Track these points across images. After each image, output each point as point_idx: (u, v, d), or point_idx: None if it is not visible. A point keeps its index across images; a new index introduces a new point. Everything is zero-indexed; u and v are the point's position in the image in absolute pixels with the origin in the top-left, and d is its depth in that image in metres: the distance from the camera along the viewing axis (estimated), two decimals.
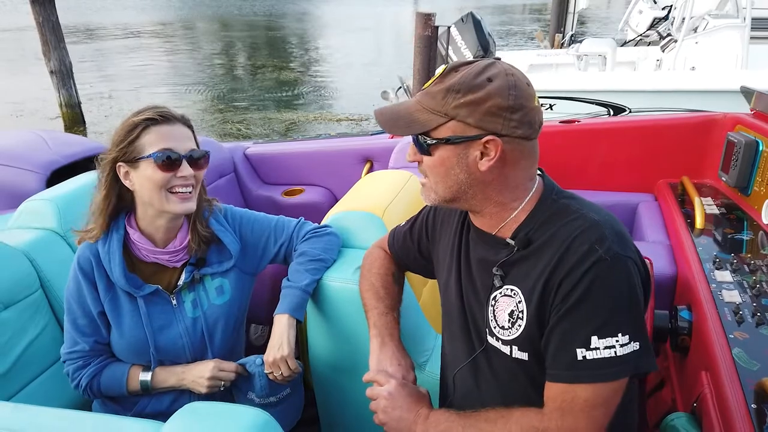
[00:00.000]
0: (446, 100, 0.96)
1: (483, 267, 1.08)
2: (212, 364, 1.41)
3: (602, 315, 0.91)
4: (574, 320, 0.93)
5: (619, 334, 0.90)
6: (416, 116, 0.99)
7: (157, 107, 1.32)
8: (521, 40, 17.79)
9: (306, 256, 1.51)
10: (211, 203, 1.47)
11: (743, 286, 1.52)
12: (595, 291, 0.91)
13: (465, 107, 0.94)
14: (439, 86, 0.97)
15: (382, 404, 1.12)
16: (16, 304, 1.56)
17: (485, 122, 0.94)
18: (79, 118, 8.63)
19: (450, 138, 0.97)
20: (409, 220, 1.38)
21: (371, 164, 2.76)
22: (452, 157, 0.98)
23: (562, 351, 0.94)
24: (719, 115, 2.36)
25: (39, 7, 7.75)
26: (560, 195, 1.05)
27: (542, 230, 1.00)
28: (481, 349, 1.10)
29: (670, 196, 2.22)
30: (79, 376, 1.41)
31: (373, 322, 1.29)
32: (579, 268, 0.92)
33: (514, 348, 1.02)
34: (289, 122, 9.04)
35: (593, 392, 0.92)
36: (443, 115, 0.96)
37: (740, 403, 1.12)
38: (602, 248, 0.92)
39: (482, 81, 0.94)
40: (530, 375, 1.03)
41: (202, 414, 1.04)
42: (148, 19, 24.30)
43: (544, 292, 0.96)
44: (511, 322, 1.02)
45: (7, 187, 2.32)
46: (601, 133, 2.53)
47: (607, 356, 0.90)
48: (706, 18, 7.29)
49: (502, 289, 1.04)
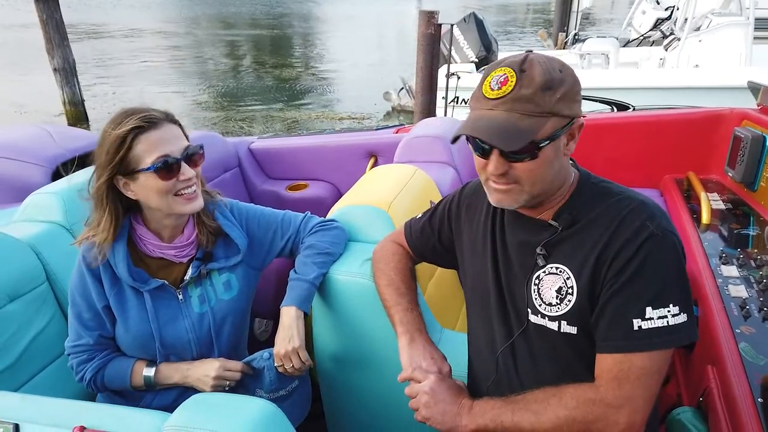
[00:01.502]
0: (543, 99, 0.96)
1: (523, 249, 1.11)
2: (218, 363, 1.40)
3: (656, 287, 0.96)
4: (629, 292, 0.97)
5: (671, 305, 0.95)
6: (521, 125, 0.96)
7: (138, 111, 1.25)
8: (524, 39, 17.76)
9: (314, 249, 1.51)
10: (212, 195, 1.46)
11: (749, 281, 1.52)
12: (649, 264, 0.96)
13: (562, 101, 0.97)
14: (526, 89, 0.95)
15: (424, 400, 1.12)
16: (23, 296, 1.57)
17: (575, 108, 1.00)
18: (82, 116, 8.64)
19: (553, 134, 0.98)
20: (426, 211, 1.39)
21: (376, 159, 2.76)
22: (553, 152, 1.00)
23: (617, 322, 0.98)
24: (726, 111, 2.36)
25: (43, 4, 7.75)
26: (597, 179, 1.10)
27: (588, 209, 1.05)
28: (522, 329, 1.11)
29: (676, 192, 2.22)
30: (84, 370, 1.40)
31: (399, 318, 1.29)
32: (633, 243, 0.97)
33: (563, 323, 1.05)
34: (291, 120, 9.05)
35: (649, 360, 0.96)
36: (545, 115, 0.97)
37: (747, 397, 1.12)
38: (653, 224, 0.98)
39: (559, 73, 0.97)
40: (577, 349, 1.06)
41: (209, 405, 1.05)
42: (151, 17, 24.32)
43: (596, 266, 1.00)
44: (560, 298, 1.05)
45: (13, 180, 2.33)
46: (607, 128, 2.53)
47: (661, 326, 0.95)
48: (709, 16, 7.27)
49: (546, 267, 1.07)
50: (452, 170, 2.19)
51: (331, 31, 21.85)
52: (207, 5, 29.43)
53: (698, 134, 2.39)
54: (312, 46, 18.26)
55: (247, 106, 9.89)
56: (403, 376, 1.20)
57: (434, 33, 4.76)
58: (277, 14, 26.57)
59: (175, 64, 14.03)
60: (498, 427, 1.05)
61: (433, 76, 4.97)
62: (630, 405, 0.97)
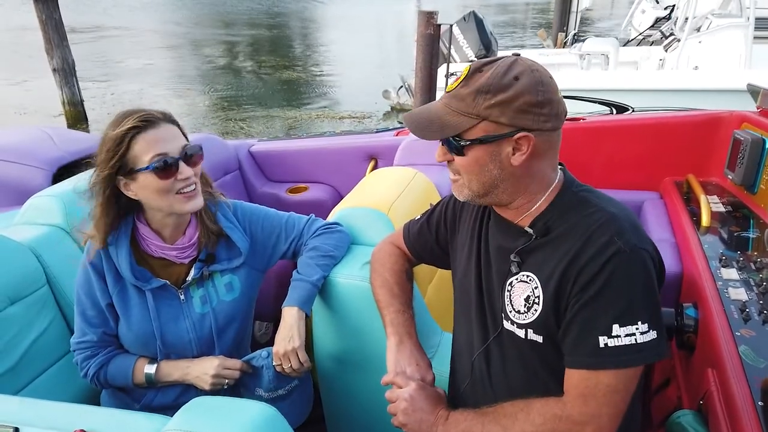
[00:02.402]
0: (476, 101, 0.97)
1: (500, 254, 1.12)
2: (217, 361, 1.41)
3: (622, 304, 0.95)
4: (595, 309, 0.96)
5: (639, 322, 0.94)
6: (447, 120, 1.00)
7: (136, 112, 1.27)
8: (524, 39, 17.76)
9: (317, 251, 1.51)
10: (214, 196, 1.46)
11: (749, 284, 1.52)
12: (615, 281, 0.95)
13: (496, 107, 0.96)
14: (466, 88, 0.98)
15: (402, 406, 1.13)
16: (23, 299, 1.57)
17: (517, 119, 0.97)
18: (81, 116, 8.64)
19: (483, 138, 0.99)
20: (425, 213, 1.40)
21: (376, 162, 2.76)
22: (486, 155, 1.01)
23: (584, 339, 0.97)
24: (725, 113, 2.35)
25: (42, 5, 7.75)
26: (579, 188, 1.08)
27: (561, 220, 1.04)
28: (496, 333, 1.12)
29: (675, 194, 2.22)
30: (87, 366, 1.42)
31: (390, 320, 1.29)
32: (599, 259, 0.96)
33: (529, 331, 1.05)
34: (292, 120, 9.05)
35: (615, 378, 0.96)
36: (475, 117, 0.98)
37: (747, 400, 1.12)
38: (621, 240, 0.96)
39: (510, 80, 0.96)
40: (543, 356, 1.06)
41: (208, 408, 1.05)
42: (151, 17, 24.31)
43: (562, 280, 1.00)
44: (527, 306, 1.05)
45: (14, 183, 2.32)
46: (606, 131, 2.53)
47: (628, 343, 0.94)
48: (709, 17, 7.27)
49: (519, 275, 1.07)
50: None
51: (330, 31, 21.85)
52: (207, 5, 29.43)
53: (698, 137, 2.39)
54: (312, 45, 18.26)
55: (247, 107, 9.88)
56: (385, 380, 1.21)
57: (433, 33, 4.76)
58: (276, 14, 26.56)
59: (175, 65, 14.03)
60: None
61: (432, 75, 4.97)
62: (595, 422, 0.97)
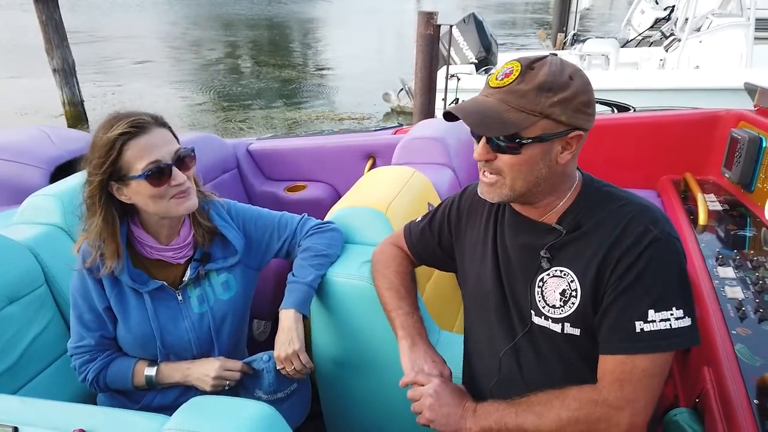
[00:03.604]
0: (539, 98, 0.97)
1: (525, 252, 1.12)
2: (218, 363, 1.41)
3: (658, 290, 0.97)
4: (632, 296, 0.98)
5: (674, 308, 0.97)
6: (507, 116, 0.98)
7: (127, 116, 1.25)
8: (524, 39, 17.76)
9: (310, 252, 1.51)
10: (207, 195, 1.46)
11: (746, 283, 1.52)
12: (652, 268, 0.98)
13: (558, 105, 0.97)
14: (525, 85, 0.98)
15: (428, 402, 1.13)
16: (21, 298, 1.57)
17: (573, 118, 0.99)
18: (81, 116, 8.64)
19: (543, 136, 0.99)
20: (426, 215, 1.40)
21: (374, 160, 2.76)
22: (540, 153, 1.01)
23: (620, 324, 0.99)
24: (722, 112, 2.36)
25: (42, 5, 7.75)
26: (600, 184, 1.11)
27: (591, 214, 1.06)
28: (525, 330, 1.12)
29: (673, 193, 2.22)
30: (86, 370, 1.42)
31: (400, 323, 1.29)
32: (636, 247, 0.99)
33: (566, 325, 1.06)
34: (291, 121, 9.05)
35: (651, 362, 0.97)
36: (537, 114, 0.98)
37: (742, 398, 1.13)
38: (656, 229, 0.99)
39: (567, 79, 0.97)
40: (580, 350, 1.07)
41: (207, 408, 1.05)
42: (151, 17, 24.32)
43: (600, 271, 1.01)
44: (563, 300, 1.06)
45: (12, 182, 2.32)
46: (604, 129, 2.53)
47: (663, 328, 0.96)
48: (709, 17, 7.27)
49: (550, 270, 1.08)
50: (450, 172, 2.19)
51: (330, 30, 21.85)
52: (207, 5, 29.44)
53: (695, 135, 2.40)
54: (311, 45, 18.26)
55: (247, 107, 9.88)
56: (405, 380, 1.20)
57: (433, 34, 4.76)
58: (278, 14, 26.57)
59: (175, 65, 14.03)
60: (502, 428, 1.05)
61: (432, 77, 4.97)
62: (632, 406, 0.98)
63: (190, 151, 1.34)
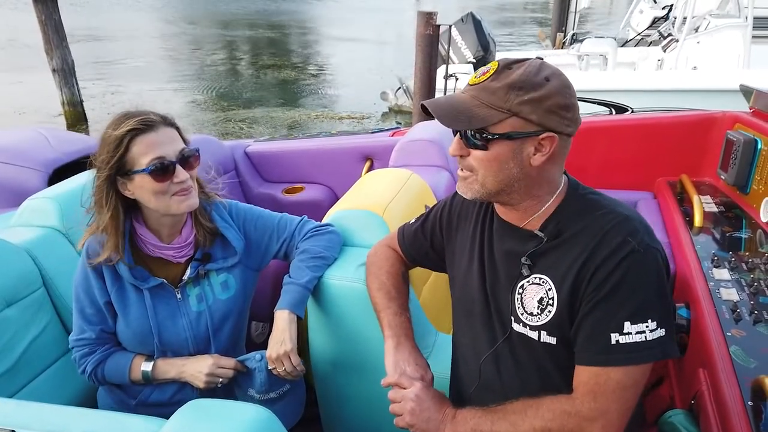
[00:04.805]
0: (508, 96, 0.97)
1: (509, 258, 1.12)
2: (211, 360, 1.43)
3: (635, 302, 0.97)
4: (608, 307, 0.98)
5: (649, 320, 0.96)
6: (476, 111, 0.99)
7: (136, 114, 1.29)
8: (523, 39, 17.76)
9: (307, 254, 1.52)
10: (210, 196, 1.48)
11: (741, 284, 1.52)
12: (629, 280, 0.97)
13: (528, 104, 0.97)
14: (497, 83, 0.98)
15: (409, 406, 1.12)
16: (19, 302, 1.57)
17: (545, 119, 0.98)
18: (81, 117, 8.63)
19: (511, 133, 0.99)
20: (419, 217, 1.40)
21: (371, 162, 2.77)
22: (508, 152, 1.00)
23: (595, 336, 0.99)
24: (718, 114, 2.37)
25: (41, 5, 7.74)
26: (585, 191, 1.10)
27: (573, 222, 1.05)
28: (505, 337, 1.12)
29: (669, 195, 2.23)
30: (85, 363, 1.45)
31: (387, 322, 1.30)
32: (613, 258, 0.98)
33: (542, 333, 1.06)
34: (291, 121, 9.05)
35: (625, 374, 0.97)
36: (505, 111, 0.98)
37: (737, 400, 1.13)
38: (635, 240, 0.98)
39: (542, 80, 0.97)
40: (556, 358, 1.07)
41: (204, 411, 1.05)
42: (150, 17, 24.30)
43: (577, 280, 1.01)
44: (540, 308, 1.06)
45: (9, 185, 2.32)
46: (600, 131, 2.54)
47: (639, 340, 0.96)
48: (707, 18, 7.28)
49: (530, 277, 1.08)
50: (447, 174, 2.19)
51: (330, 30, 21.84)
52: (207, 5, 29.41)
53: (691, 137, 2.40)
54: (311, 45, 18.25)
55: (247, 107, 9.88)
56: (387, 381, 1.20)
57: (432, 33, 4.77)
58: (277, 13, 26.56)
59: (175, 65, 14.02)
60: None
61: (431, 76, 4.98)
62: (604, 418, 0.98)
63: (194, 151, 1.37)
